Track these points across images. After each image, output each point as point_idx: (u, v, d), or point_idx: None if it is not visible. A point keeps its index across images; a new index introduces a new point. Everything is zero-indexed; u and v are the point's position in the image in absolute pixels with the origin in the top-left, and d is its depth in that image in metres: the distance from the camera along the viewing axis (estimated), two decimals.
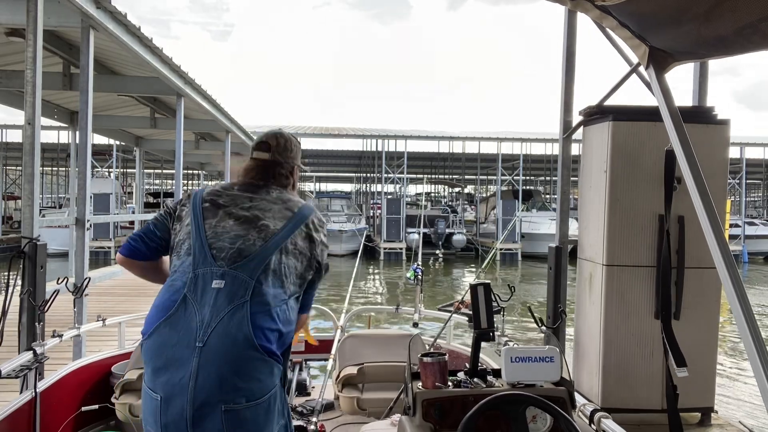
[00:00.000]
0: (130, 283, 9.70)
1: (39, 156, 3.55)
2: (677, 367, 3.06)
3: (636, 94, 4.13)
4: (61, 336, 3.27)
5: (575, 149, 3.97)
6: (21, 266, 3.29)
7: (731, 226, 25.95)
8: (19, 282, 3.23)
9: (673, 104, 2.03)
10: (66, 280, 3.72)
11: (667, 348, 3.15)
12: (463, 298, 3.77)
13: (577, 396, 2.37)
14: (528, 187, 34.48)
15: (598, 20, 2.13)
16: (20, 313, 3.22)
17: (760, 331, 1.68)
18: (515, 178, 29.16)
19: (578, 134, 4.00)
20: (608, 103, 3.78)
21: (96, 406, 3.30)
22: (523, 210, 27.39)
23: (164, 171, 34.84)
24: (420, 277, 4.65)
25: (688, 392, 3.24)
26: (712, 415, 3.63)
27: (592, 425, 2.33)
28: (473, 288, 2.43)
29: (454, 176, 39.36)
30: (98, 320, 3.67)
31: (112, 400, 3.24)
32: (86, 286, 3.74)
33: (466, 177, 39.73)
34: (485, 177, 40.72)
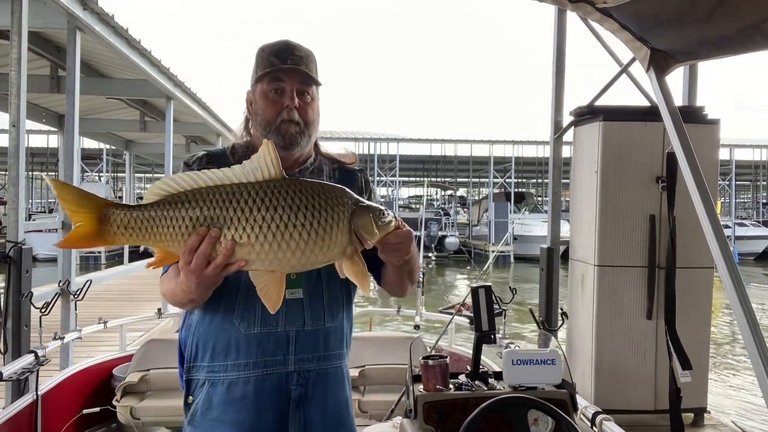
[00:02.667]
0: (118, 288, 9.62)
1: (24, 159, 3.50)
2: (682, 370, 3.04)
3: (627, 95, 4.14)
4: (62, 338, 3.27)
5: (567, 151, 3.97)
6: (7, 271, 3.26)
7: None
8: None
9: (674, 106, 2.03)
10: (68, 283, 3.68)
11: (671, 350, 3.13)
12: (464, 301, 3.76)
13: (578, 398, 2.36)
14: (520, 190, 34.62)
15: (598, 23, 2.13)
16: (5, 317, 3.18)
17: (760, 329, 1.67)
18: (507, 180, 29.25)
19: (570, 136, 3.99)
20: (599, 103, 3.78)
21: (97, 409, 3.33)
22: (515, 212, 27.47)
23: (155, 175, 34.69)
24: (421, 279, 4.63)
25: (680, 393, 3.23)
26: (705, 415, 3.63)
27: (594, 428, 2.33)
28: (474, 290, 2.41)
29: (446, 179, 39.44)
30: (99, 322, 3.66)
31: (114, 402, 3.26)
32: (87, 289, 3.72)
33: (459, 180, 39.82)
34: (477, 180, 40.83)
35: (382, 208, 1.28)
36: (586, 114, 3.68)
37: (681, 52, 2.04)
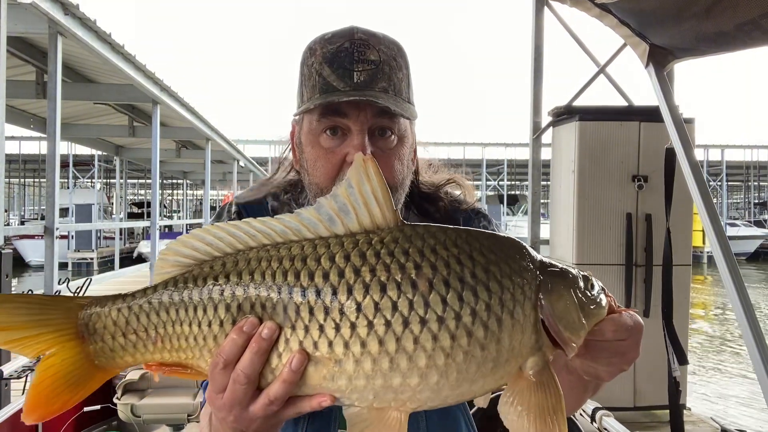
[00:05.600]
0: (112, 292, 9.57)
1: (3, 163, 3.50)
2: (679, 365, 3.06)
3: (606, 95, 4.19)
4: None
5: (546, 152, 4.02)
6: None
7: None
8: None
9: (673, 102, 2.05)
10: (67, 281, 3.71)
11: (668, 346, 3.14)
12: None
13: None
14: (514, 192, 34.76)
15: (598, 18, 2.16)
16: None
17: (760, 325, 1.69)
18: (500, 183, 29.36)
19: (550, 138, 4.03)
20: (577, 103, 3.82)
21: (98, 407, 3.34)
22: (508, 214, 27.59)
23: (147, 181, 34.60)
24: None
25: (660, 389, 3.25)
26: (685, 411, 3.65)
27: (594, 423, 2.35)
28: None
29: None
30: None
31: (114, 400, 3.27)
32: (87, 287, 3.73)
33: None
34: (470, 182, 40.90)
35: (585, 273, 0.69)
36: (564, 114, 3.72)
37: (680, 48, 2.07)
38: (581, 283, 0.66)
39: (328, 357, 0.61)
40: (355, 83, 0.86)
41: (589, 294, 0.66)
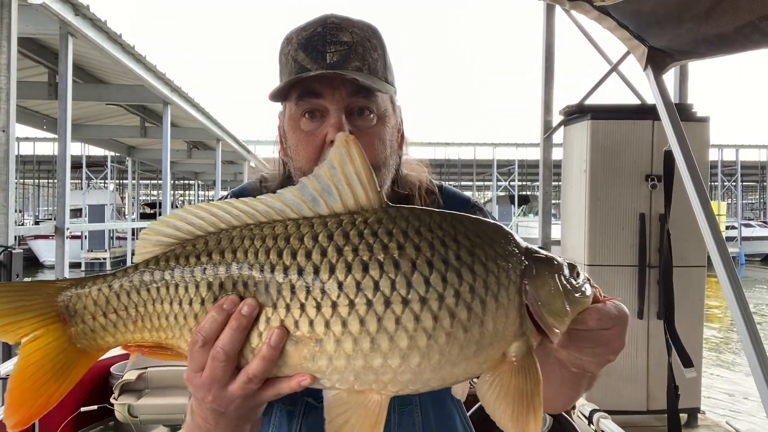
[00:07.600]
0: None
1: (14, 163, 3.52)
2: (685, 368, 3.02)
3: (619, 94, 4.13)
4: None
5: (558, 152, 3.97)
6: None
7: (728, 228, 26.01)
8: None
9: (671, 104, 2.04)
10: None
11: (670, 348, 3.10)
12: None
13: None
14: (524, 192, 34.65)
15: (596, 21, 2.15)
16: None
17: (757, 328, 1.66)
18: (511, 183, 29.24)
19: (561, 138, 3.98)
20: (589, 102, 3.78)
21: (95, 407, 3.33)
22: (519, 215, 27.48)
23: (159, 181, 34.82)
24: None
25: None
26: (699, 415, 3.59)
27: (591, 425, 2.34)
28: None
29: (450, 183, 39.37)
30: None
31: (111, 400, 3.27)
32: None
33: (462, 183, 39.79)
34: (481, 183, 40.82)
35: (570, 261, 0.70)
36: (575, 113, 3.68)
37: (678, 50, 2.05)
38: (566, 271, 0.67)
39: (308, 336, 0.61)
40: (327, 64, 0.87)
41: (573, 282, 0.66)
